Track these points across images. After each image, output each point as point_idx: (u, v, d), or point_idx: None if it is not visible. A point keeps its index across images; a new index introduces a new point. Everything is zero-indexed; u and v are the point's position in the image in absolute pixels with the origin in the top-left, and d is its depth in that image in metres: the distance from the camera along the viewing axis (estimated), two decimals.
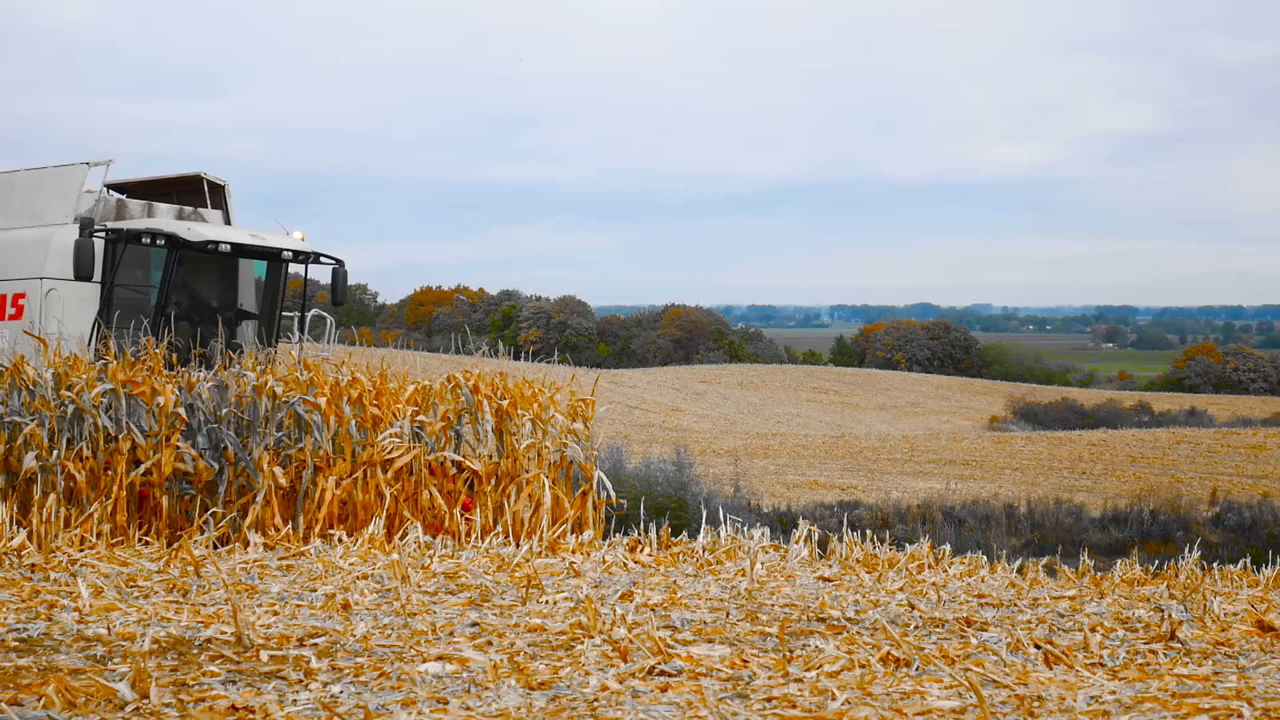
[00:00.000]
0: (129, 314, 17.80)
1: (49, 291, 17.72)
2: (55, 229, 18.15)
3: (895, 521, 34.91)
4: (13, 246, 18.50)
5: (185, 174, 19.75)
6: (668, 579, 11.60)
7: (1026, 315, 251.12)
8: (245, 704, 6.67)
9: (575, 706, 6.75)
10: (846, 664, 7.60)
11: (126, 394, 14.66)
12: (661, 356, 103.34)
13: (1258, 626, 9.29)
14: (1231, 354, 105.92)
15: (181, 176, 19.78)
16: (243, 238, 18.25)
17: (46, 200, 18.66)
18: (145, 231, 17.67)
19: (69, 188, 18.47)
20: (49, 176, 18.88)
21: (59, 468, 14.12)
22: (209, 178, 19.57)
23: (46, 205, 18.60)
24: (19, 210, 18.88)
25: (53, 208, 18.51)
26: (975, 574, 13.34)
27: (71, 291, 17.68)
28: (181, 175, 19.79)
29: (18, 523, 13.24)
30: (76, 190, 18.42)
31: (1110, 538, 34.43)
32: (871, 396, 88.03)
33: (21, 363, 14.78)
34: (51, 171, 18.89)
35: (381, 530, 13.53)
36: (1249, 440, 61.14)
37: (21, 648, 8.04)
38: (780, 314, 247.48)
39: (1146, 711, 6.60)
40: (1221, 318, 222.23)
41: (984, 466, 51.88)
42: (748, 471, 45.05)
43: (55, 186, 18.67)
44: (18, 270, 18.25)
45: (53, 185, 18.72)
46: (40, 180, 18.97)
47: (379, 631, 8.69)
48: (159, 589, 10.44)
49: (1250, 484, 46.75)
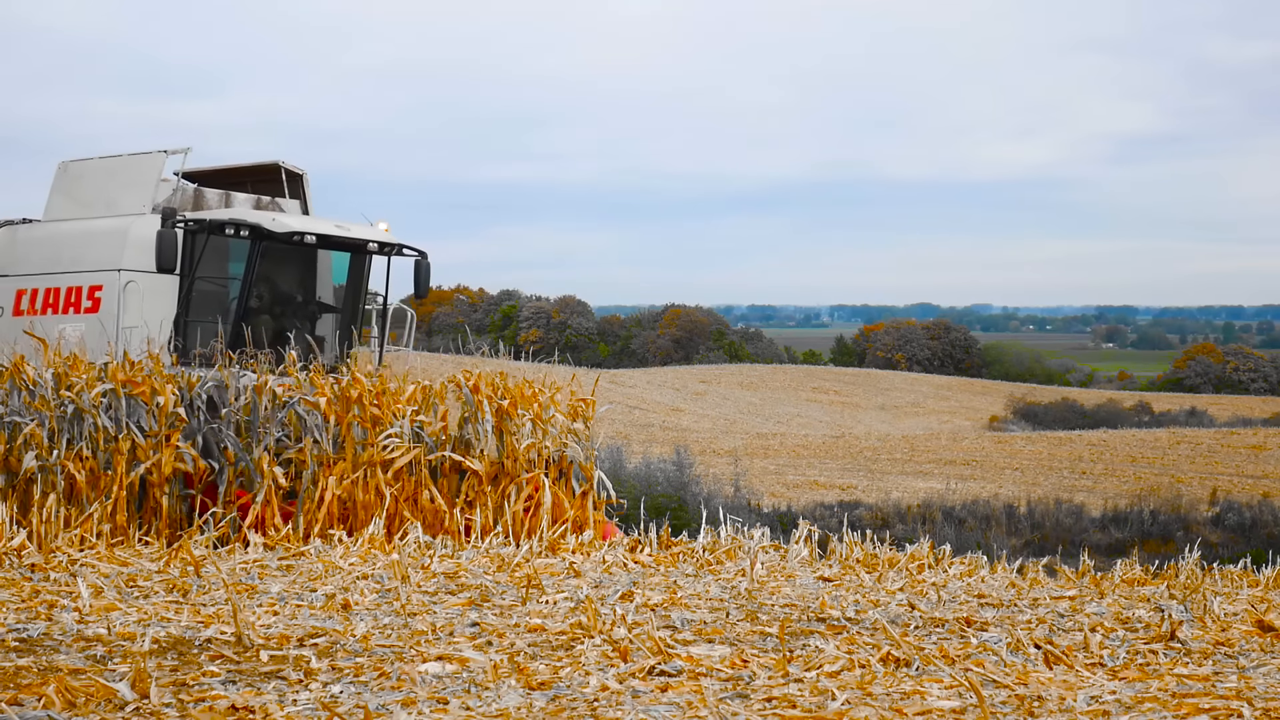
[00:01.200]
0: (207, 308, 17.34)
1: (127, 284, 17.11)
2: (133, 219, 17.53)
3: (895, 521, 34.91)
4: (86, 236, 17.90)
5: (262, 162, 19.13)
6: (668, 579, 11.60)
7: (1026, 315, 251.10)
8: (245, 704, 6.67)
9: (575, 706, 6.75)
10: (846, 664, 7.60)
11: (126, 394, 14.65)
12: (661, 356, 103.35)
13: (1258, 626, 9.29)
14: (1231, 354, 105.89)
15: (258, 165, 19.17)
16: (328, 229, 17.75)
17: (122, 189, 17.99)
18: (229, 222, 17.12)
19: (146, 176, 17.86)
20: (124, 165, 18.26)
21: (59, 468, 14.12)
22: (287, 166, 18.96)
23: (122, 194, 17.96)
24: (91, 200, 18.28)
25: (128, 197, 17.88)
26: (975, 574, 13.34)
27: (150, 284, 17.12)
28: (258, 164, 19.17)
29: (18, 523, 13.24)
30: (154, 179, 17.83)
31: (1110, 538, 34.43)
32: (871, 396, 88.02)
33: (21, 362, 14.75)
34: (127, 159, 18.28)
35: (381, 530, 13.52)
36: (1249, 440, 61.14)
37: (21, 648, 8.04)
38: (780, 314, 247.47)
39: (1146, 711, 6.60)
40: (1221, 318, 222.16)
41: (984, 466, 51.87)
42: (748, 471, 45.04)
43: (131, 175, 18.02)
44: (92, 261, 17.62)
45: (129, 174, 18.07)
46: (115, 169, 18.32)
47: (379, 631, 8.69)
48: (159, 589, 10.44)
49: (1250, 484, 46.75)
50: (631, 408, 75.05)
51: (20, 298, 18.11)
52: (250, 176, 19.10)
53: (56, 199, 18.69)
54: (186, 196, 18.11)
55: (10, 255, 18.46)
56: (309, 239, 17.37)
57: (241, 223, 17.11)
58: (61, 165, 18.83)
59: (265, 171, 19.07)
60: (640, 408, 76.02)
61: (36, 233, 18.55)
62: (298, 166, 18.99)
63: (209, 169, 18.93)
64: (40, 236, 18.42)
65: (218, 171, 19.02)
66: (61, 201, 18.60)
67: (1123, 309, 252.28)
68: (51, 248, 18.10)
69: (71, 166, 18.75)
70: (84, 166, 18.70)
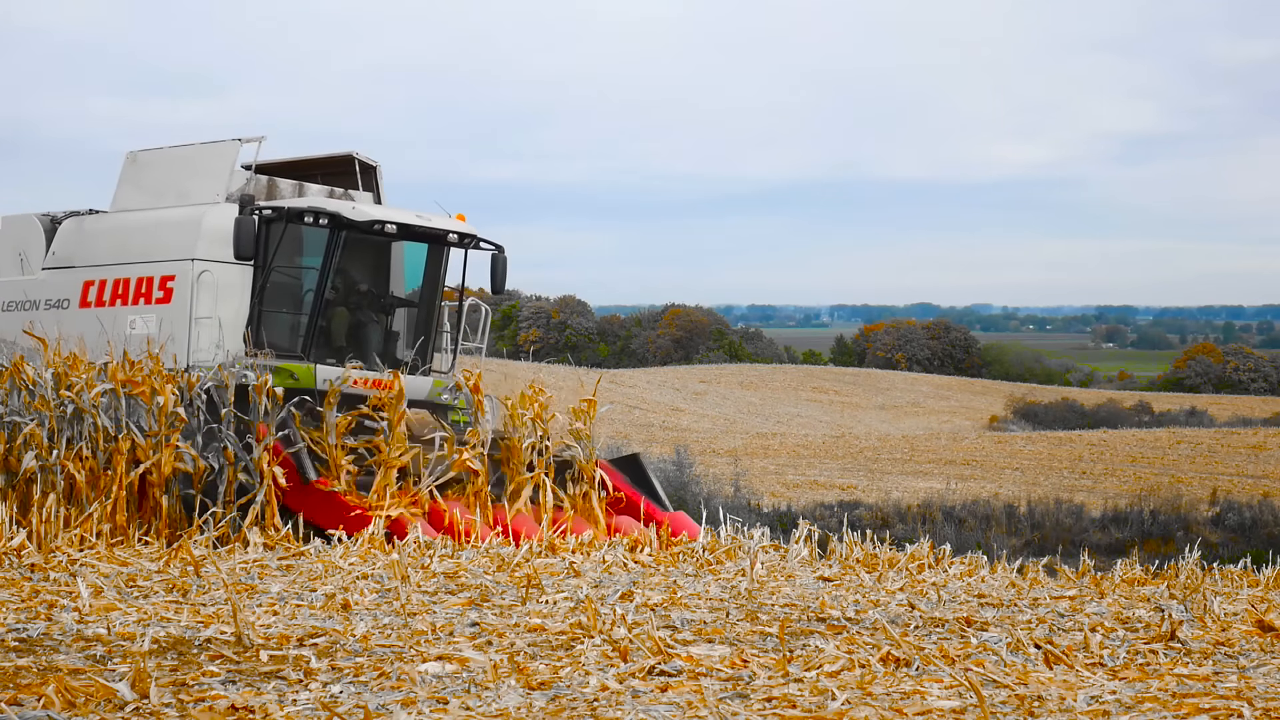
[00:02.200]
0: (280, 299, 17.02)
1: (200, 274, 16.75)
2: (207, 208, 17.15)
3: (895, 521, 34.88)
4: (157, 226, 17.52)
5: (335, 154, 18.74)
6: (668, 579, 11.60)
7: (1026, 315, 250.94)
8: (245, 704, 6.67)
9: (575, 706, 6.75)
10: (846, 664, 7.60)
11: (126, 394, 14.64)
12: (661, 356, 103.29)
13: (1258, 626, 9.29)
14: (1231, 354, 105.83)
15: (330, 156, 18.77)
16: (408, 218, 17.19)
17: (194, 178, 17.62)
18: (308, 209, 16.69)
19: (220, 165, 17.47)
20: (198, 154, 17.87)
21: (59, 468, 14.11)
22: (360, 158, 18.55)
23: (195, 184, 17.57)
24: (162, 189, 17.87)
25: (202, 186, 17.49)
26: (975, 574, 13.34)
27: (225, 274, 16.76)
28: (331, 155, 18.78)
29: (18, 523, 13.23)
30: (228, 168, 17.44)
31: (1110, 538, 34.40)
32: (871, 396, 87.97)
33: (21, 362, 14.73)
34: (199, 149, 17.89)
35: (381, 530, 13.52)
36: (1249, 440, 61.08)
37: (21, 648, 8.04)
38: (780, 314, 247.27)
39: (1146, 711, 6.59)
40: (1221, 318, 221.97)
41: (984, 466, 51.84)
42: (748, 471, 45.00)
43: (204, 164, 17.64)
44: (164, 252, 17.21)
45: (202, 163, 17.68)
46: (188, 158, 17.95)
47: (379, 631, 8.69)
48: (159, 589, 10.44)
49: (1250, 484, 46.72)
50: (631, 408, 75.03)
51: (87, 289, 17.74)
52: (321, 168, 18.73)
53: (125, 189, 18.29)
54: (260, 186, 17.75)
55: (77, 246, 18.09)
56: (390, 228, 16.94)
57: (321, 210, 16.69)
58: (130, 155, 18.49)
59: (337, 163, 18.69)
60: (640, 408, 76.00)
61: (104, 223, 18.17)
62: (371, 158, 18.62)
63: (280, 160, 18.51)
64: (108, 227, 18.05)
65: (289, 163, 18.63)
66: (130, 192, 18.21)
67: (1123, 309, 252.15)
68: (121, 238, 17.75)
69: (140, 156, 18.41)
70: (153, 156, 18.36)
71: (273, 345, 16.63)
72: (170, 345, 16.11)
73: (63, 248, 18.18)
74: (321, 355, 16.67)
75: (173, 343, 16.21)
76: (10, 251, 18.80)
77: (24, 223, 18.82)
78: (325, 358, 16.67)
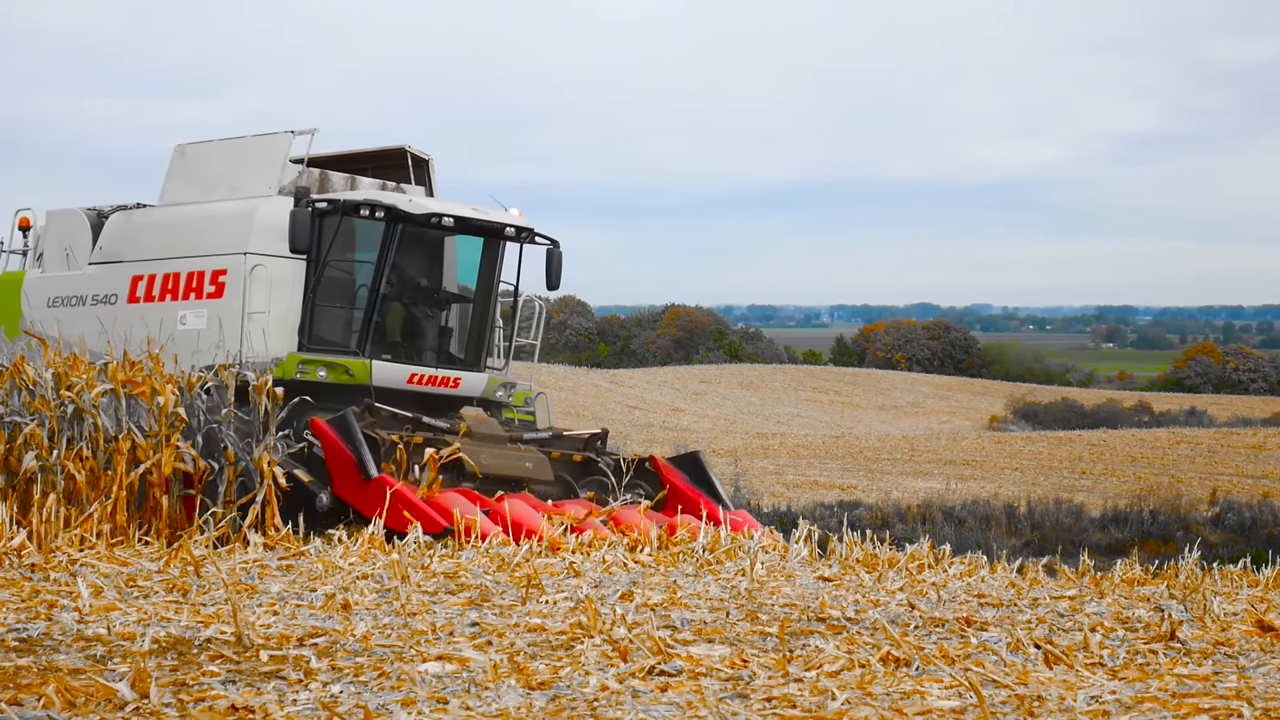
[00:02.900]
0: (335, 293, 16.80)
1: (254, 268, 16.52)
2: (259, 201, 16.94)
3: (895, 521, 34.85)
4: (208, 220, 17.28)
5: (387, 147, 18.43)
6: (668, 579, 11.60)
7: (1026, 315, 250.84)
8: (245, 704, 6.67)
9: (575, 706, 6.75)
10: (846, 664, 7.60)
11: (126, 394, 14.63)
12: (661, 356, 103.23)
13: (1258, 626, 9.29)
14: (1231, 354, 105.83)
15: (382, 150, 18.47)
16: (466, 211, 16.96)
17: (245, 171, 17.40)
18: (364, 202, 16.49)
19: (272, 158, 17.23)
20: (248, 146, 17.66)
21: (59, 468, 14.10)
22: (413, 151, 18.21)
23: (245, 176, 17.35)
24: (213, 183, 17.65)
25: (253, 179, 17.25)
26: (975, 574, 13.34)
27: (277, 268, 16.57)
28: (383, 148, 18.47)
29: (18, 523, 13.22)
30: (280, 161, 17.17)
31: (1110, 538, 34.38)
32: (871, 396, 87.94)
33: (22, 362, 14.71)
34: (250, 141, 17.69)
35: (381, 530, 13.52)
36: (1249, 440, 61.05)
37: (21, 648, 8.04)
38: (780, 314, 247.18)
39: (1146, 711, 6.59)
40: (1221, 318, 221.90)
41: (984, 466, 51.83)
42: (748, 471, 44.98)
43: (255, 157, 17.42)
44: (215, 246, 17.00)
45: (253, 155, 17.46)
46: (239, 150, 17.74)
47: (379, 631, 8.69)
48: (159, 589, 10.44)
49: (1250, 484, 46.70)
50: (631, 408, 74.99)
51: (136, 284, 17.51)
52: (372, 161, 18.48)
53: (173, 182, 18.05)
54: (312, 179, 17.48)
55: (125, 241, 17.86)
56: (447, 221, 16.71)
57: (377, 203, 16.49)
58: (178, 148, 18.25)
59: (389, 156, 18.42)
60: (640, 408, 75.95)
61: (153, 217, 17.95)
62: (423, 151, 18.32)
63: (330, 154, 18.24)
64: (157, 221, 17.83)
65: (340, 156, 18.38)
66: (179, 185, 17.98)
67: (1123, 309, 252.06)
68: (170, 232, 17.53)
69: (189, 149, 18.18)
70: (203, 149, 18.13)
71: (326, 341, 16.50)
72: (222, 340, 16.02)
73: (110, 242, 17.95)
74: (377, 351, 16.49)
75: (225, 338, 16.10)
76: (56, 247, 18.55)
77: (69, 217, 18.55)
78: (381, 354, 16.50)
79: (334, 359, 16.26)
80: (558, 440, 16.77)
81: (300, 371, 16.10)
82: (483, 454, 15.65)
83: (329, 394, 15.99)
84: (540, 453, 16.24)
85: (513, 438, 16.35)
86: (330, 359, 16.26)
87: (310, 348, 16.44)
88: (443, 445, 15.35)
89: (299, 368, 16.10)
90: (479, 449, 15.68)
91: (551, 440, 16.69)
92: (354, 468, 14.68)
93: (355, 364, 16.22)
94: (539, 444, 16.47)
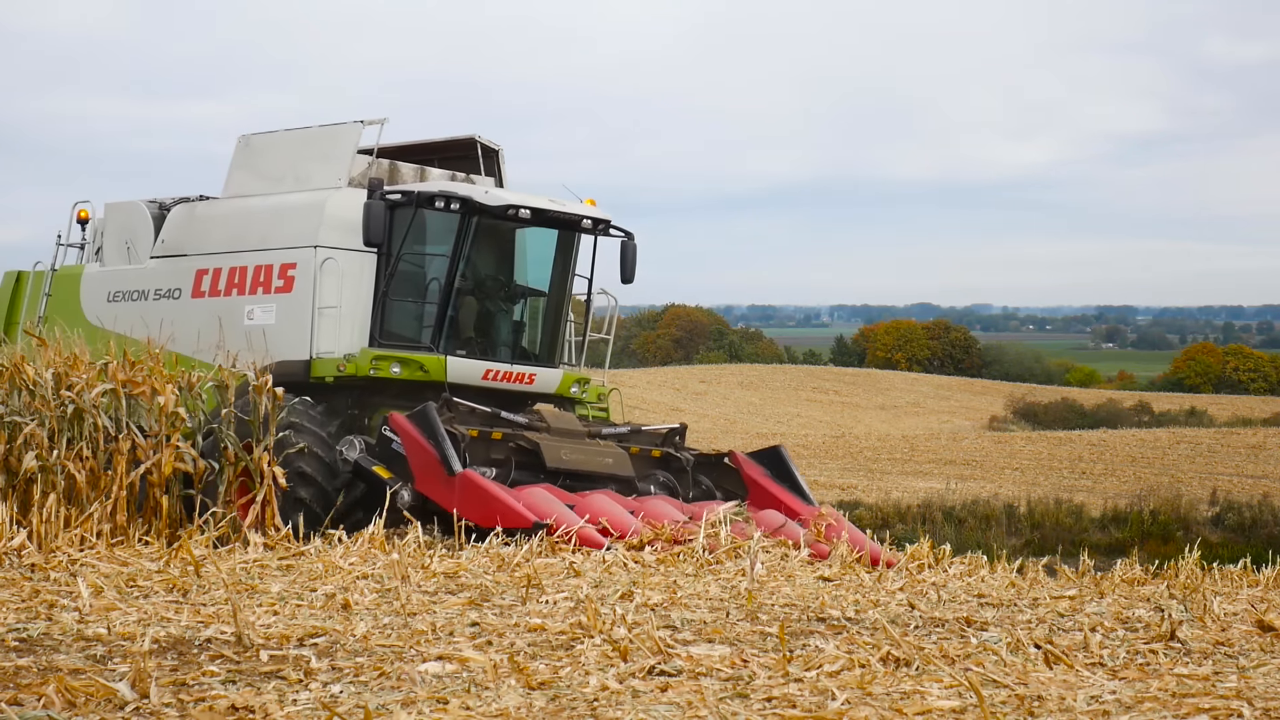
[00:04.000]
0: (406, 287, 16.48)
1: (324, 261, 16.17)
2: (329, 193, 16.62)
3: (895, 521, 34.85)
4: (276, 212, 16.94)
5: (456, 137, 18.11)
6: (668, 579, 11.60)
7: (1026, 315, 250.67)
8: (245, 704, 6.67)
9: (575, 706, 6.75)
10: (846, 664, 7.60)
11: (126, 394, 14.63)
12: (661, 356, 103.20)
13: (1258, 626, 9.29)
14: (1231, 354, 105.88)
15: (451, 140, 18.15)
16: (542, 203, 16.57)
17: (313, 162, 17.04)
18: (439, 194, 16.09)
19: (342, 149, 16.87)
20: (316, 137, 17.31)
21: (59, 468, 14.10)
22: (483, 141, 17.87)
23: (314, 168, 17.00)
24: (279, 174, 17.31)
25: (321, 170, 16.92)
26: (975, 574, 13.36)
27: (349, 262, 16.24)
28: (452, 138, 18.16)
29: (18, 523, 13.22)
30: (349, 152, 16.83)
31: (1110, 538, 34.37)
32: (871, 396, 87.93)
33: (22, 362, 14.70)
34: (319, 131, 17.34)
35: (381, 530, 13.53)
36: (1249, 440, 61.04)
37: (21, 648, 8.04)
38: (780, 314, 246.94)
39: (1146, 711, 6.59)
40: (1221, 318, 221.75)
41: (984, 466, 51.84)
42: None
43: (324, 148, 17.05)
44: (285, 239, 16.68)
45: (322, 146, 17.10)
46: (307, 141, 17.38)
47: (379, 631, 8.69)
48: (159, 589, 10.44)
49: (1250, 484, 46.69)
50: (631, 408, 74.98)
51: (200, 278, 17.22)
52: (440, 151, 18.17)
53: (237, 174, 17.75)
54: (382, 170, 17.18)
55: (188, 234, 17.55)
56: (524, 213, 16.38)
57: (453, 195, 16.11)
58: (242, 139, 17.97)
59: (458, 146, 18.12)
60: (640, 408, 75.91)
61: (217, 209, 17.64)
62: (493, 141, 18.01)
63: (398, 144, 17.90)
64: (222, 213, 17.52)
65: (408, 146, 18.08)
66: (244, 176, 17.67)
67: (1123, 309, 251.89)
68: (236, 225, 17.24)
69: (254, 140, 17.87)
70: (269, 140, 17.81)
71: (398, 336, 16.23)
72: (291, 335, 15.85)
73: (173, 235, 17.64)
74: (451, 347, 16.22)
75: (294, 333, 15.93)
76: (116, 240, 18.24)
77: (130, 210, 18.25)
78: (455, 350, 16.22)
79: (408, 355, 15.94)
80: (636, 435, 16.43)
81: (374, 368, 15.81)
82: (563, 449, 15.35)
83: (396, 390, 15.68)
84: (620, 448, 15.93)
85: (591, 433, 16.00)
86: (404, 355, 15.94)
87: (382, 343, 16.12)
88: (522, 440, 15.14)
89: (373, 364, 15.81)
90: (559, 444, 15.38)
91: (629, 435, 16.35)
92: (437, 463, 14.41)
93: (430, 360, 15.93)
94: (617, 439, 16.11)
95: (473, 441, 14.93)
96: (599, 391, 17.48)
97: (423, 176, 17.50)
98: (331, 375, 15.93)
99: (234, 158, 17.86)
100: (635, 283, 17.50)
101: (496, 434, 15.21)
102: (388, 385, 15.85)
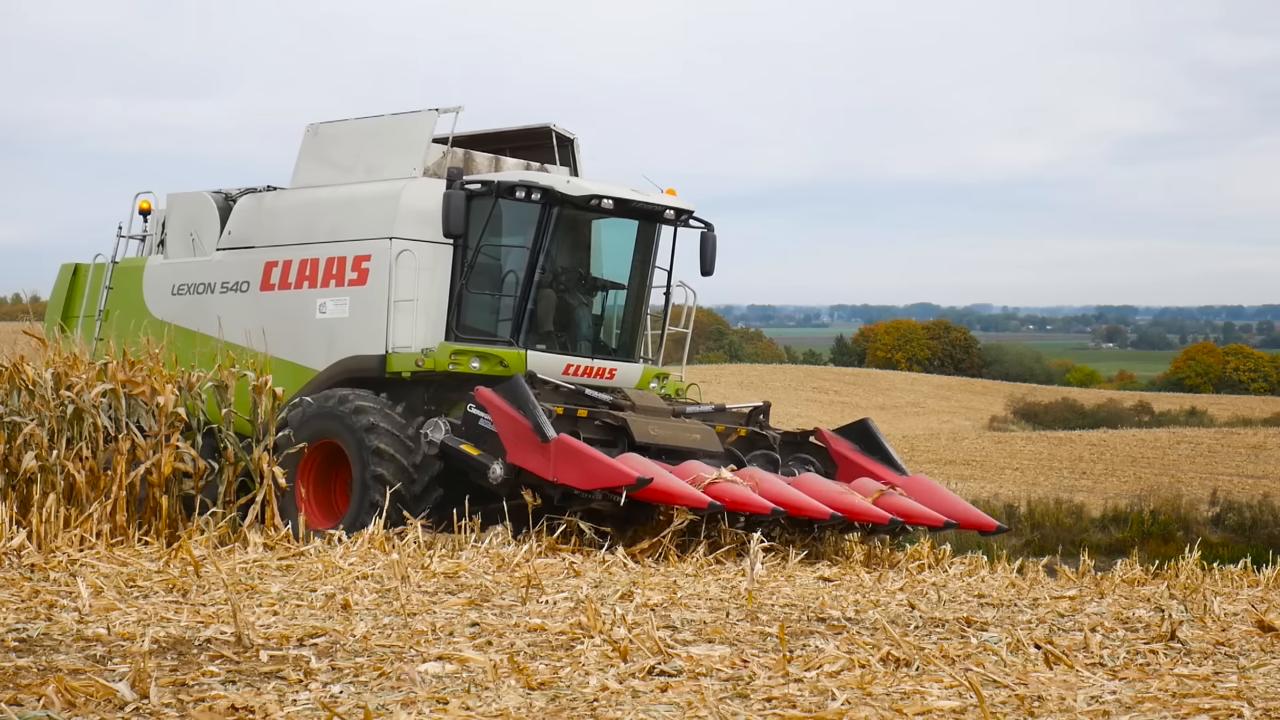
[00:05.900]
0: (484, 280, 16.07)
1: (400, 253, 15.81)
2: (404, 183, 16.22)
3: None
4: (349, 203, 16.60)
5: (530, 126, 17.70)
6: (668, 579, 11.60)
7: (1026, 315, 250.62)
8: (245, 704, 6.67)
9: (575, 706, 6.75)
10: (846, 664, 7.60)
11: (126, 394, 14.63)
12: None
13: (1258, 626, 9.29)
14: (1232, 354, 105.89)
15: (525, 129, 17.73)
16: (624, 193, 16.16)
17: (386, 152, 16.66)
18: (520, 184, 15.74)
19: (415, 138, 16.46)
20: (388, 126, 16.92)
21: (59, 468, 14.10)
22: (558, 130, 17.52)
23: (386, 157, 16.61)
24: (350, 164, 16.94)
25: (395, 160, 16.52)
26: (975, 574, 13.37)
27: (425, 254, 15.87)
28: (525, 127, 17.73)
29: (18, 523, 13.22)
30: (424, 141, 16.43)
31: (1110, 538, 34.43)
32: (871, 396, 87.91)
33: (21, 362, 14.70)
34: (392, 120, 16.94)
35: (381, 530, 13.53)
36: (1249, 440, 61.08)
37: (21, 648, 8.04)
38: (780, 314, 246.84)
39: (1146, 711, 6.59)
40: (1221, 318, 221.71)
41: (984, 466, 51.87)
42: None
43: (397, 137, 16.65)
44: (358, 230, 16.31)
45: (394, 135, 16.70)
46: (377, 130, 17.00)
47: (379, 631, 8.69)
48: (159, 589, 10.44)
49: (1250, 484, 46.72)
50: None
51: (270, 271, 16.86)
52: (514, 140, 17.78)
53: (306, 164, 17.35)
54: (457, 159, 16.77)
55: (256, 225, 17.20)
56: (606, 204, 15.94)
57: (534, 185, 15.75)
58: (311, 128, 17.55)
59: (532, 135, 17.74)
60: None
61: (287, 200, 17.28)
62: (569, 130, 17.62)
63: (472, 133, 17.46)
64: (292, 204, 17.16)
65: (482, 135, 17.62)
66: (313, 166, 17.28)
67: (1123, 309, 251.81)
68: (307, 216, 16.88)
69: (324, 129, 17.46)
70: (339, 129, 17.40)
71: (476, 330, 15.94)
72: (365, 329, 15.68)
73: (240, 227, 17.30)
74: (531, 341, 15.89)
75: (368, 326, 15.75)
76: (180, 231, 17.87)
77: (195, 200, 17.89)
78: (535, 344, 15.90)
79: (487, 349, 15.65)
80: (720, 414, 16.22)
81: (453, 362, 15.50)
82: (650, 425, 15.11)
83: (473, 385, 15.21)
84: (706, 425, 15.75)
85: (676, 411, 15.77)
86: (483, 349, 15.65)
87: (460, 337, 15.82)
88: (608, 418, 14.96)
89: (452, 358, 15.50)
90: (646, 420, 15.15)
91: (714, 414, 16.14)
92: (530, 432, 14.09)
93: (510, 354, 15.60)
94: (702, 418, 15.90)
95: (558, 419, 14.62)
96: (677, 387, 17.15)
97: (498, 166, 17.15)
98: (409, 370, 15.61)
99: (302, 147, 17.49)
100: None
101: (582, 411, 14.94)
102: (465, 380, 15.51)
